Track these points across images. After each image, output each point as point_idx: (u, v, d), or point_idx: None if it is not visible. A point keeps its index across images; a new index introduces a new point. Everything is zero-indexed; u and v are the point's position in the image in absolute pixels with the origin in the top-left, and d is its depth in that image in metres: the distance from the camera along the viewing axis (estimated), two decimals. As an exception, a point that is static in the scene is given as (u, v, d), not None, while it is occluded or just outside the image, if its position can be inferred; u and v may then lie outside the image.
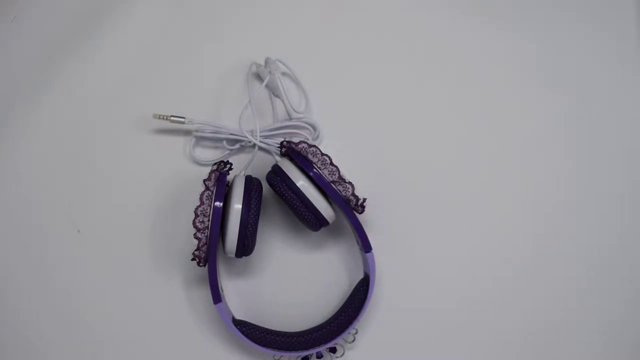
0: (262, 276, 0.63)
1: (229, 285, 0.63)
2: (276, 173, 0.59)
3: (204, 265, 0.57)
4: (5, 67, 0.67)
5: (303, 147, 0.58)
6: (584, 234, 0.65)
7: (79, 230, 0.63)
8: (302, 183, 0.58)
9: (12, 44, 0.68)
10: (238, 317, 0.61)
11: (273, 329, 0.60)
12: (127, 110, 0.65)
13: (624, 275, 0.65)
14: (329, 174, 0.58)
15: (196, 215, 0.56)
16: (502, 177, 0.66)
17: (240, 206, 0.57)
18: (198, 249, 0.56)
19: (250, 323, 0.59)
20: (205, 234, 0.56)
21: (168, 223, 0.63)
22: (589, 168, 0.67)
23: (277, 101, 0.67)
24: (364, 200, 0.59)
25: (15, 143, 0.65)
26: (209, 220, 0.56)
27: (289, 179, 0.58)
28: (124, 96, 0.66)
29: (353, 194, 0.58)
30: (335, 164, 0.58)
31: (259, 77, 0.67)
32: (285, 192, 0.58)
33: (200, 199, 0.56)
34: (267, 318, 0.61)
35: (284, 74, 0.66)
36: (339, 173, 0.58)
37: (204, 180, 0.57)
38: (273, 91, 0.67)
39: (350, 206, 0.58)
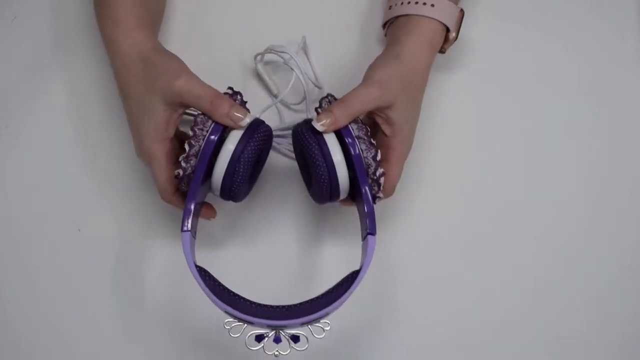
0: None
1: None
2: (314, 132, 0.54)
3: (186, 188, 0.54)
4: (5, 67, 0.67)
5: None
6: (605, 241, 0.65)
7: (79, 230, 0.63)
8: (339, 158, 0.54)
9: (12, 44, 0.68)
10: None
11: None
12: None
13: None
14: (365, 150, 0.55)
15: (192, 136, 0.54)
16: (512, 178, 0.66)
17: (235, 143, 0.53)
18: (187, 160, 0.53)
19: (213, 276, 0.53)
20: (200, 143, 0.53)
21: (171, 222, 0.63)
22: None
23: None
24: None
25: (15, 142, 0.65)
26: (202, 141, 0.53)
27: (326, 145, 0.54)
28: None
29: (378, 181, 0.55)
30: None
31: (256, 72, 0.67)
32: (316, 156, 0.54)
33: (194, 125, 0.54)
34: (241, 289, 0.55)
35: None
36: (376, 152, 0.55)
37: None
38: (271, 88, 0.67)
39: (372, 191, 0.55)
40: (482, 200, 0.65)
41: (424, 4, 0.59)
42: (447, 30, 0.61)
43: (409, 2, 0.60)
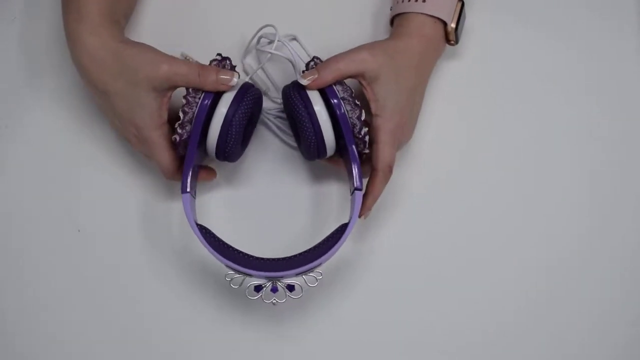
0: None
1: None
2: (300, 93, 0.58)
3: (183, 152, 0.57)
4: (5, 67, 0.67)
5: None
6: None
7: (79, 230, 0.63)
8: (324, 118, 0.57)
9: (12, 44, 0.68)
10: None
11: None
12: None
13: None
14: (350, 110, 0.57)
15: (184, 110, 0.56)
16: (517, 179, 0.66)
17: (227, 106, 0.56)
18: (182, 127, 0.56)
19: (212, 231, 0.57)
20: (193, 110, 0.56)
21: (172, 222, 0.63)
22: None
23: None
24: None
25: (15, 142, 0.65)
26: (196, 107, 0.56)
27: (311, 105, 0.57)
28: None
29: (363, 140, 0.57)
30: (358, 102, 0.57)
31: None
32: (302, 116, 0.57)
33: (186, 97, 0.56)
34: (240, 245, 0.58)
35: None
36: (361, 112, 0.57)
37: None
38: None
39: (358, 150, 0.57)
40: (479, 198, 0.65)
41: (416, 0, 0.61)
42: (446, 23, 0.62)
43: (402, 1, 0.62)
